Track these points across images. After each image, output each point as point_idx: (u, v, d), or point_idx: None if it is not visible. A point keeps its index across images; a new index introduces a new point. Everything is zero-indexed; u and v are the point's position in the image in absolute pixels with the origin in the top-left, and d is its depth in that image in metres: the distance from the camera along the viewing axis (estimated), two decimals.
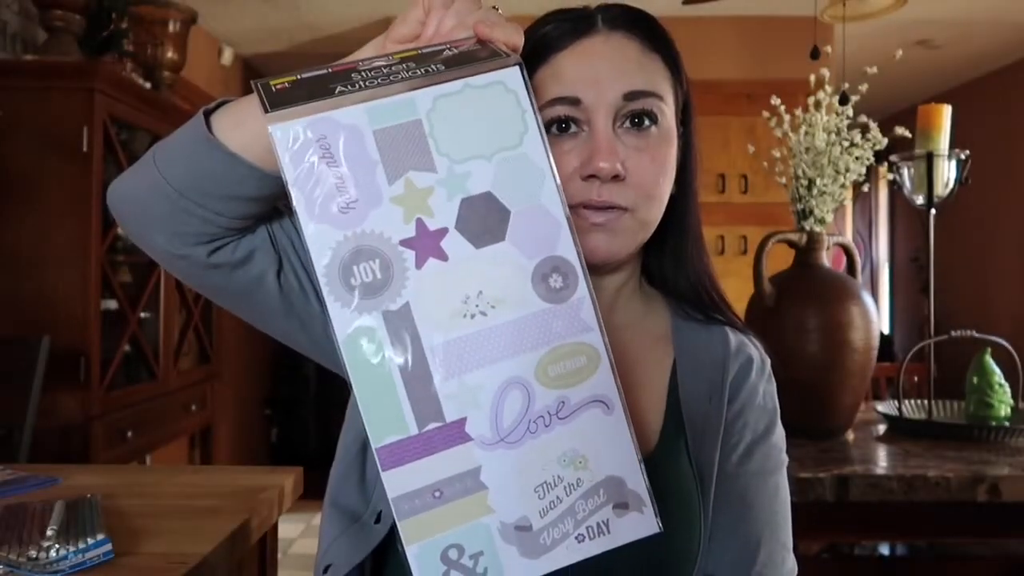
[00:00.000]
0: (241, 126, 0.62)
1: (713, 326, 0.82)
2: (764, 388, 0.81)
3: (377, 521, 0.73)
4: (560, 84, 0.73)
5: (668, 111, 0.75)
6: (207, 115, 0.64)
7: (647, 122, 0.73)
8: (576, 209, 0.72)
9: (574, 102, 0.72)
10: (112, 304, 2.39)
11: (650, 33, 0.76)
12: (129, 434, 2.42)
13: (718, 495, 0.76)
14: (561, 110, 0.72)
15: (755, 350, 0.83)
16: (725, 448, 0.77)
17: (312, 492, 1.43)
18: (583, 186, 0.72)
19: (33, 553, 0.88)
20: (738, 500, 0.76)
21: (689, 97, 0.80)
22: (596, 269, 0.77)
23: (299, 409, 4.92)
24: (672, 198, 0.78)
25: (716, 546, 0.75)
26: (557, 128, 0.73)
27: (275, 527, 1.31)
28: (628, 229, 0.74)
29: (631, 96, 0.72)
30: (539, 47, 0.74)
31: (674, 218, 0.80)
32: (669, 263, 0.83)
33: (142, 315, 2.59)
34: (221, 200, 0.63)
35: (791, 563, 0.78)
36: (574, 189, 0.71)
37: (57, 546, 0.89)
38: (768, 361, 0.84)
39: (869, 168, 1.62)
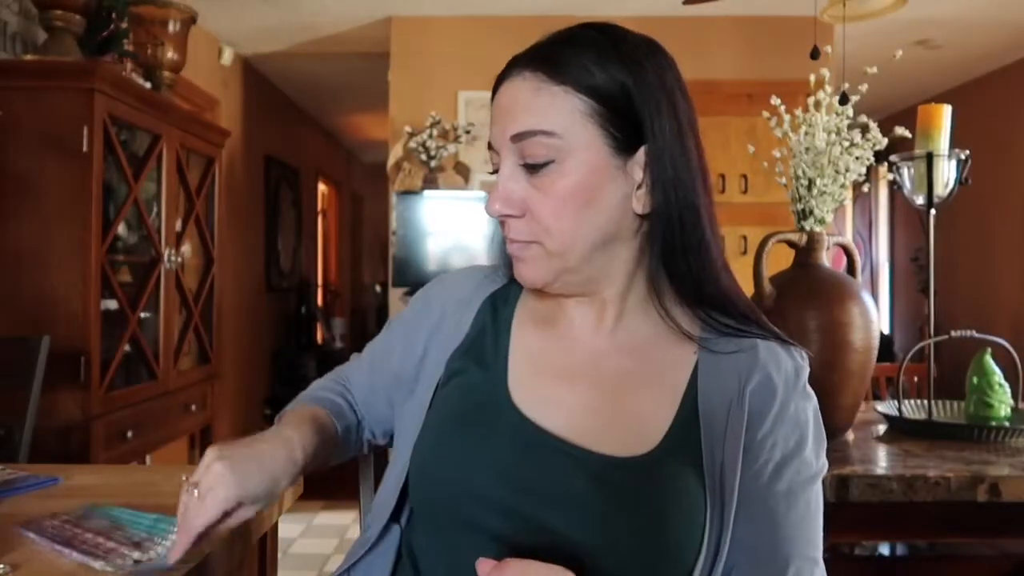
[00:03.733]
0: None
1: (745, 338, 0.82)
2: (796, 403, 0.80)
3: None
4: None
5: (566, 144, 0.76)
6: None
7: (538, 164, 0.77)
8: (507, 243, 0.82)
9: (491, 147, 0.81)
10: (112, 304, 2.39)
11: (554, 66, 0.76)
12: (129, 434, 2.42)
13: (746, 513, 0.75)
14: (492, 155, 0.81)
15: (789, 361, 0.82)
16: (753, 468, 0.77)
17: (312, 492, 1.43)
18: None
19: (137, 555, 0.89)
20: (767, 519, 0.76)
21: (650, 115, 0.76)
22: (579, 289, 0.83)
23: None
24: (657, 215, 0.78)
25: (745, 562, 0.75)
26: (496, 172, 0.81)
27: (275, 527, 1.31)
28: (539, 258, 0.80)
29: (516, 138, 0.77)
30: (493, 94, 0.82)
31: (668, 234, 0.79)
32: (680, 275, 0.81)
33: (142, 315, 2.59)
34: None
35: (819, 575, 0.78)
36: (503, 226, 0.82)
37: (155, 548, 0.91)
38: (805, 372, 0.83)
39: (869, 168, 1.62)
